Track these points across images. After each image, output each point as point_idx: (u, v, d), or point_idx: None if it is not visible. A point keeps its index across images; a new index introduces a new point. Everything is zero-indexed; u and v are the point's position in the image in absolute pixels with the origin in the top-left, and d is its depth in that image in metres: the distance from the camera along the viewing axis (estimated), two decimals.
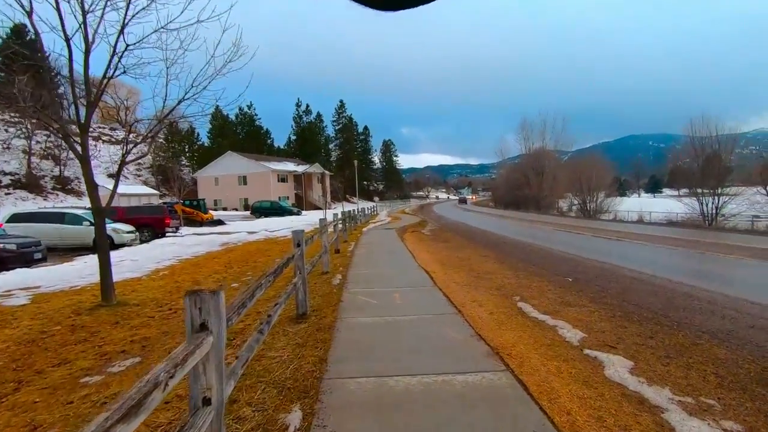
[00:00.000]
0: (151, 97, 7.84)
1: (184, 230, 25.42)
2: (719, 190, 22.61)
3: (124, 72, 6.74)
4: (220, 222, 29.92)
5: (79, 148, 6.85)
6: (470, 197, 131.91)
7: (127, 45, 6.29)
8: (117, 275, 10.19)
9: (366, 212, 32.17)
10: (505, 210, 52.71)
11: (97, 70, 7.60)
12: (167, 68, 7.30)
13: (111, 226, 18.16)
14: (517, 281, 7.05)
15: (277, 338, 4.46)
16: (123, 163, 6.94)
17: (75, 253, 15.74)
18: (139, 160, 69.40)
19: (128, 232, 18.46)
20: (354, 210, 24.21)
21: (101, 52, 7.13)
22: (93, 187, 7.01)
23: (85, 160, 6.84)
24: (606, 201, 37.99)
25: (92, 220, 18.01)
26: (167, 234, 21.92)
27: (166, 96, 7.54)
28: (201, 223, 29.03)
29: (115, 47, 6.52)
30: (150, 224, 21.21)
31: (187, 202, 30.26)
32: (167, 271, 10.63)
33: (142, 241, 20.13)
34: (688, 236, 15.25)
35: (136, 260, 12.68)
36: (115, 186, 7.22)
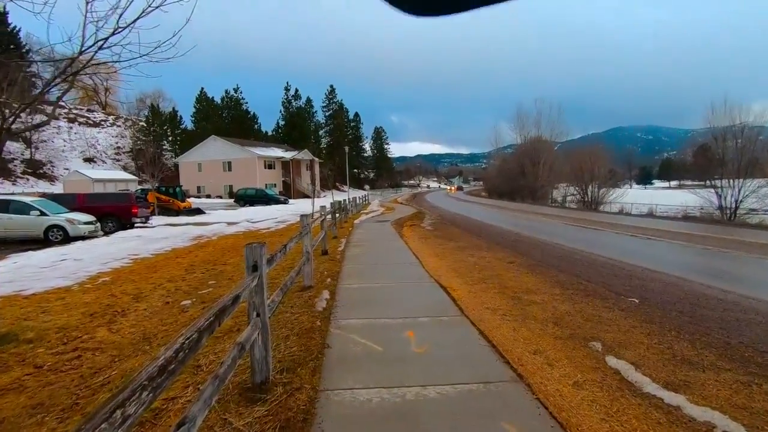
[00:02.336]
0: (62, 42, 5.65)
1: (157, 220, 23.05)
2: (740, 183, 20.94)
3: None
4: (198, 211, 27.56)
5: None
6: (450, 188, 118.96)
7: None
8: (44, 282, 8.02)
9: (357, 202, 30.05)
10: (500, 200, 50.95)
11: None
12: (87, 3, 5.11)
13: (65, 216, 15.86)
14: (574, 307, 5.05)
15: None
16: (2, 133, 4.72)
17: (22, 247, 13.36)
18: (119, 145, 66.11)
19: (86, 223, 16.15)
20: (344, 200, 22.08)
21: None
22: None
23: None
24: (605, 192, 36.35)
25: (43, 209, 15.71)
26: (135, 225, 19.61)
27: (83, 40, 5.35)
28: (177, 212, 26.63)
29: None
30: (114, 213, 18.86)
31: (163, 189, 27.77)
32: (110, 276, 8.46)
33: (106, 233, 17.87)
34: (727, 234, 13.47)
35: (80, 260, 10.44)
36: None
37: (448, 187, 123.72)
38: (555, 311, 4.83)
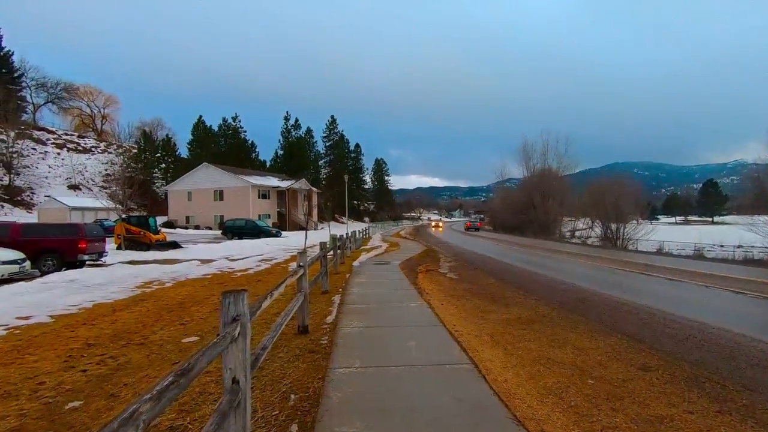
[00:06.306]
0: None
1: (119, 256, 19.37)
2: None
3: None
4: (174, 245, 23.86)
5: None
6: (434, 223, 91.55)
7: None
8: None
9: (357, 236, 26.44)
10: (510, 235, 47.36)
11: None
12: None
13: None
14: None
15: None
16: None
17: None
18: (108, 172, 63.10)
19: (7, 263, 12.55)
20: (343, 235, 18.49)
21: None
22: None
23: None
24: (634, 228, 32.82)
25: None
26: (86, 262, 15.93)
27: None
28: (149, 246, 22.97)
29: None
30: (56, 249, 15.25)
31: (134, 219, 24.20)
32: None
33: (44, 273, 14.24)
34: None
35: None
36: None
37: (433, 223, 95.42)
38: None
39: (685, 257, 20.58)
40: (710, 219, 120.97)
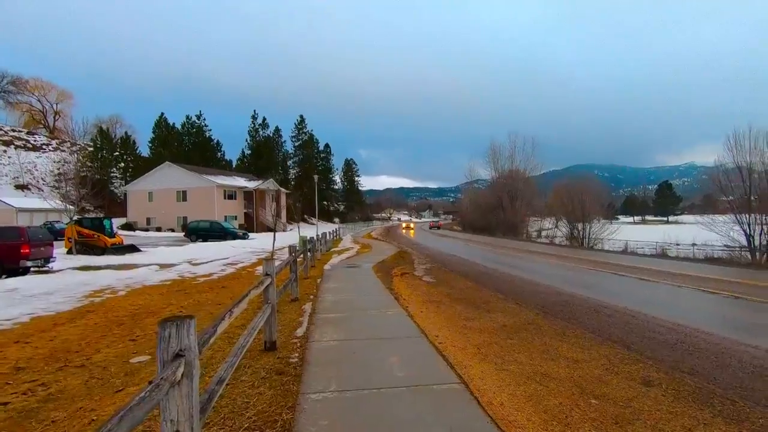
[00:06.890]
0: None
1: (69, 261, 17.91)
2: None
3: None
4: (132, 248, 22.41)
5: None
6: (405, 224, 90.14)
7: None
8: None
9: (327, 237, 25.74)
10: (479, 235, 47.80)
11: None
12: None
13: None
14: None
15: None
16: None
17: None
18: (60, 171, 59.41)
19: None
20: (314, 237, 17.79)
21: None
22: None
23: None
24: (600, 228, 33.67)
25: None
26: (30, 269, 14.58)
27: None
28: (103, 250, 21.42)
29: None
30: None
31: (87, 221, 22.55)
32: None
33: None
34: None
35: None
36: None
37: (403, 224, 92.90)
38: None
39: (650, 256, 21.10)
40: (665, 219, 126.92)
